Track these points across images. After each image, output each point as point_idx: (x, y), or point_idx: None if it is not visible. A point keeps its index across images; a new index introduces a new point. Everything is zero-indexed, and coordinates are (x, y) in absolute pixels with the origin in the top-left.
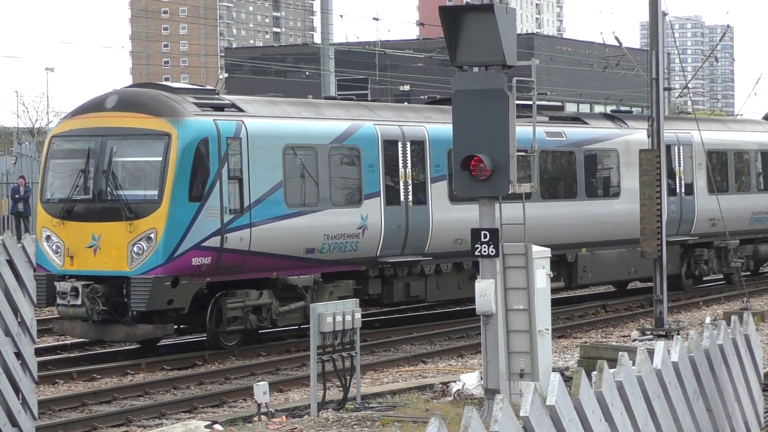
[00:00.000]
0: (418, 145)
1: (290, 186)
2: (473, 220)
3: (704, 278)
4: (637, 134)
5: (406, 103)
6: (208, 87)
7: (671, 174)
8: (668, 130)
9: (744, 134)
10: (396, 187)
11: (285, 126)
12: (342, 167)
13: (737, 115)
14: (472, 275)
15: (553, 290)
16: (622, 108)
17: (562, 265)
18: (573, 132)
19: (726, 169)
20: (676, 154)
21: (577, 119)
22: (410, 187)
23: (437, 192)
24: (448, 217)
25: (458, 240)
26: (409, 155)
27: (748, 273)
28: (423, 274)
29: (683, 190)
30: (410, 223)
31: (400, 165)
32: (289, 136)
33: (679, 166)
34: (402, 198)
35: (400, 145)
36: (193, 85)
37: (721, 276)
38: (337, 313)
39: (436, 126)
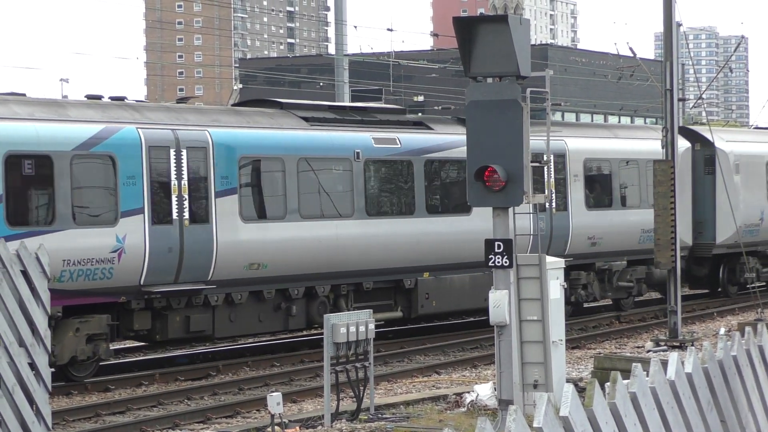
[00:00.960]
0: (198, 153)
1: (14, 201)
2: (274, 241)
3: (585, 305)
4: None
5: (200, 104)
6: None
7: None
8: (535, 136)
9: (633, 142)
10: (167, 202)
11: (8, 129)
12: (90, 178)
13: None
14: (278, 305)
15: (389, 321)
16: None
17: (399, 292)
18: (410, 138)
19: (609, 181)
20: None
21: (419, 124)
22: (186, 203)
23: (224, 208)
24: (240, 238)
25: (254, 265)
26: (185, 164)
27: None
28: (208, 306)
29: (554, 204)
30: (186, 245)
31: (173, 176)
32: (14, 141)
33: (549, 177)
34: (175, 215)
35: (172, 152)
36: None
37: (609, 302)
38: (350, 323)
39: (225, 131)
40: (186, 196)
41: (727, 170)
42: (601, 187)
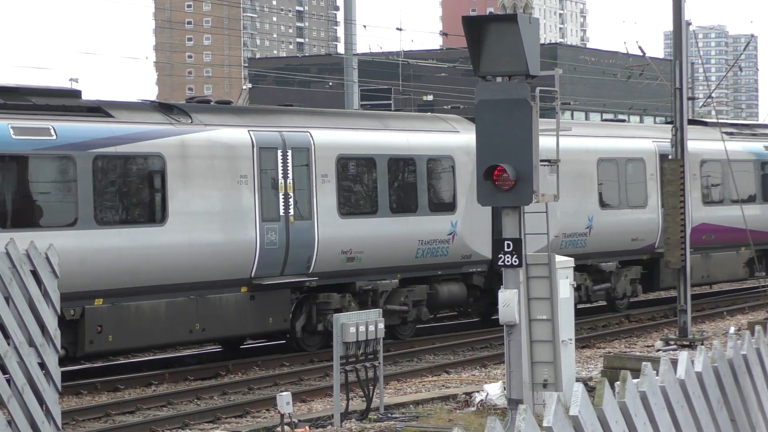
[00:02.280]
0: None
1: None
2: None
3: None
4: (205, 133)
5: None
6: None
7: (273, 190)
8: (268, 128)
9: (411, 136)
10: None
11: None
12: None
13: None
14: None
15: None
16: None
17: (68, 326)
18: (77, 129)
19: (375, 182)
20: (280, 160)
21: (97, 110)
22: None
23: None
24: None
25: None
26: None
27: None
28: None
29: (292, 212)
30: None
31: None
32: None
33: (286, 178)
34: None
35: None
36: None
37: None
38: (360, 323)
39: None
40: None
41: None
42: (362, 190)
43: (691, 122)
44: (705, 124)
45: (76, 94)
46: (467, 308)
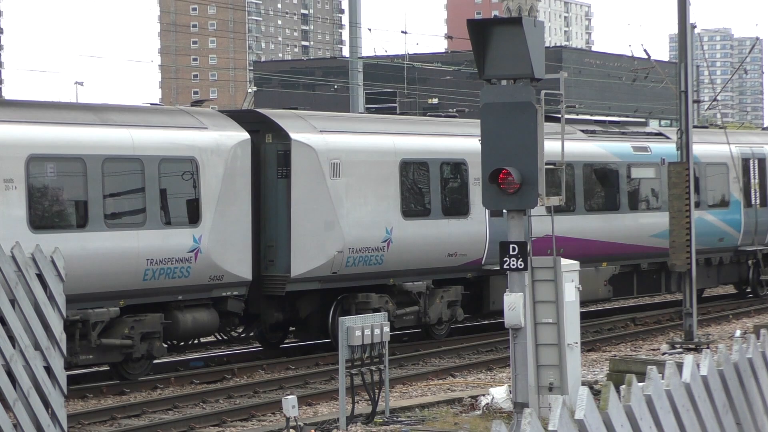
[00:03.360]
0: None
1: None
2: None
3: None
4: None
5: None
6: None
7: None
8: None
9: (137, 132)
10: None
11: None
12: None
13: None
14: None
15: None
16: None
17: None
18: None
19: (85, 189)
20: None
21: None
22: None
23: None
24: None
25: None
26: None
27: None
28: None
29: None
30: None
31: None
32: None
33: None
34: None
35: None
36: None
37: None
38: (365, 326)
39: None
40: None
41: (316, 171)
42: (66, 199)
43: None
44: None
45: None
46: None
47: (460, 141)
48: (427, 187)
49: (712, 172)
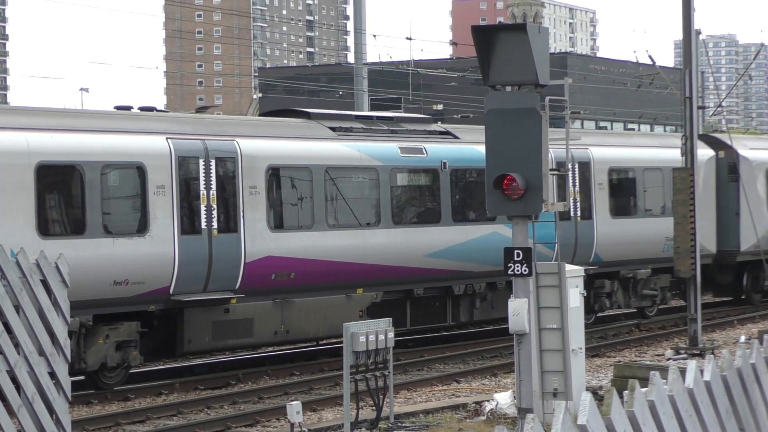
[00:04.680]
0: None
1: None
2: None
3: None
4: None
5: None
6: None
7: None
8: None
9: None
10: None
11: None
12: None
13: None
14: None
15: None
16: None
17: None
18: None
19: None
20: None
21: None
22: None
23: None
24: None
25: None
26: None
27: None
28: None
29: None
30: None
31: None
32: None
33: None
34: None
35: None
36: None
37: None
38: (370, 332)
39: None
40: None
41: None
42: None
43: (283, 112)
44: (309, 116)
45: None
46: None
47: (135, 140)
48: (79, 198)
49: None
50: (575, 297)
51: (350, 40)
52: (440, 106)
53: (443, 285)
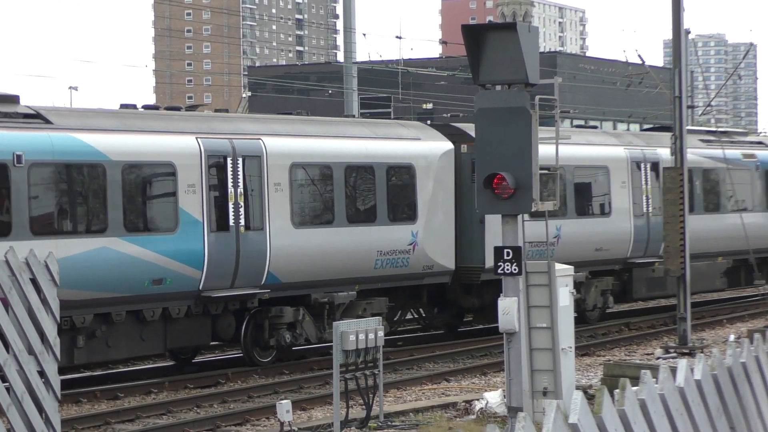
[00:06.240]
0: None
1: None
2: None
3: None
4: None
5: None
6: None
7: None
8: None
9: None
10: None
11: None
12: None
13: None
14: None
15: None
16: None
17: None
18: None
19: None
20: None
21: None
22: None
23: None
24: None
25: None
26: None
27: None
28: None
29: None
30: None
31: None
32: None
33: None
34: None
35: None
36: None
37: None
38: (360, 331)
39: None
40: None
41: None
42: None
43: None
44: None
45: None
46: None
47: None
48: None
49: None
50: (565, 296)
51: (340, 39)
52: (430, 105)
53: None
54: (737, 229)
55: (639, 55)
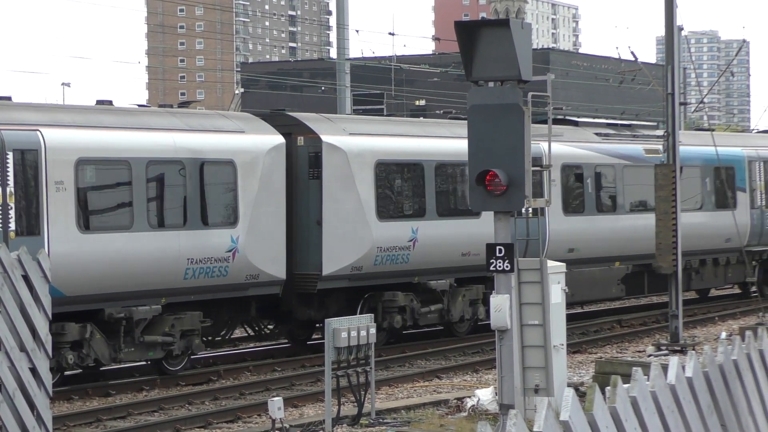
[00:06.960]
0: None
1: None
2: None
3: None
4: None
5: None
6: None
7: None
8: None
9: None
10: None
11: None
12: None
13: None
14: None
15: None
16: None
17: None
18: None
19: None
20: None
21: None
22: None
23: None
24: None
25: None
26: None
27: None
28: None
29: None
30: None
31: None
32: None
33: None
34: None
35: None
36: None
37: None
38: (351, 328)
39: None
40: None
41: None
42: None
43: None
44: None
45: None
46: None
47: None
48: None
49: None
50: (557, 293)
51: (333, 36)
52: (422, 102)
53: None
54: (636, 231)
55: (632, 52)
